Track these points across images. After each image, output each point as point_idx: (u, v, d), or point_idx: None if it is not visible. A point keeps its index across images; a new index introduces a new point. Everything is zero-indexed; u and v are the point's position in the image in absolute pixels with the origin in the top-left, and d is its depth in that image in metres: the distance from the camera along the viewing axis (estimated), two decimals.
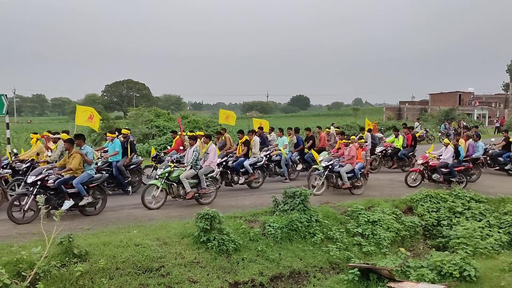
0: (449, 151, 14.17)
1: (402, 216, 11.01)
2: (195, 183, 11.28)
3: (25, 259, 6.61)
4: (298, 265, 8.67)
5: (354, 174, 12.83)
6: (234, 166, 13.49)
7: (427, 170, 14.24)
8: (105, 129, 27.43)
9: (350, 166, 12.83)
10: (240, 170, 13.47)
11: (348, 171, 12.75)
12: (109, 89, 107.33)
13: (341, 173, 12.64)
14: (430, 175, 14.19)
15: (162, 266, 7.59)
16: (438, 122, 39.52)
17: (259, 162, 13.98)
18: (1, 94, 15.74)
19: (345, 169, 12.73)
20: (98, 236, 8.13)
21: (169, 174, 11.01)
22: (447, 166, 13.93)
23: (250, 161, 13.72)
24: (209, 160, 11.86)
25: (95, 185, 10.26)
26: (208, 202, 11.41)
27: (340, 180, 12.75)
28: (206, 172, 11.52)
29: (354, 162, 12.93)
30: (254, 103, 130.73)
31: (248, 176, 13.63)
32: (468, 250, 9.31)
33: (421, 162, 14.33)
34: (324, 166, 12.82)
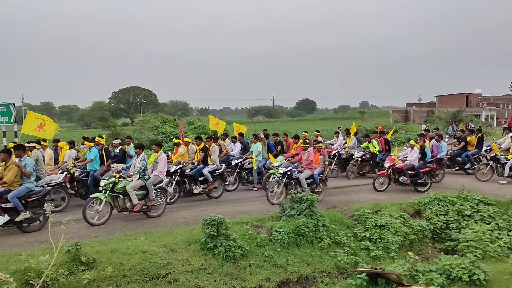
0: (415, 153, 14.00)
1: (410, 220, 10.94)
2: (143, 194, 10.56)
3: (33, 268, 6.65)
4: (306, 270, 8.65)
5: (314, 180, 12.32)
6: (193, 174, 12.70)
7: (394, 173, 13.99)
8: (112, 136, 27.59)
9: (309, 172, 12.29)
10: (198, 179, 12.70)
11: (307, 177, 12.18)
12: (116, 96, 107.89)
13: (300, 180, 12.01)
14: (397, 178, 13.95)
15: (169, 273, 7.60)
16: (446, 124, 39.28)
17: (218, 170, 13.27)
18: (9, 103, 15.90)
19: (304, 175, 12.12)
20: (105, 243, 8.16)
21: (113, 186, 10.19)
22: (413, 168, 13.77)
23: (209, 168, 12.99)
24: (158, 169, 11.05)
25: (35, 199, 9.49)
26: (157, 214, 10.76)
27: (299, 187, 12.04)
28: (154, 182, 10.77)
29: (313, 168, 12.41)
30: (260, 108, 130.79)
31: (208, 185, 12.93)
32: (477, 253, 9.20)
33: (388, 165, 13.96)
34: (282, 173, 12.12)
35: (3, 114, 15.74)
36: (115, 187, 10.20)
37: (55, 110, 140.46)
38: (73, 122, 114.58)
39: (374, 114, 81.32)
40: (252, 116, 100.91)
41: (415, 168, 13.75)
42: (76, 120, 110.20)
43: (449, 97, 67.31)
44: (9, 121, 15.58)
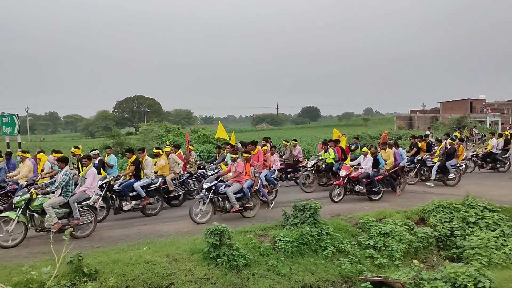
0: (369, 160, 13.65)
1: (414, 227, 10.86)
2: (65, 212, 9.58)
3: (35, 279, 6.63)
4: (310, 279, 8.58)
5: (244, 194, 11.36)
6: (122, 189, 11.66)
7: (350, 182, 13.53)
8: (115, 145, 27.63)
9: (238, 185, 11.29)
10: (128, 194, 11.66)
11: (236, 191, 11.19)
12: (120, 105, 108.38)
13: (228, 195, 11.00)
14: (353, 187, 13.49)
15: (172, 283, 7.56)
16: (450, 130, 39.19)
17: (153, 184, 12.16)
18: (13, 114, 15.99)
19: (232, 189, 11.11)
20: (108, 254, 8.14)
21: (29, 203, 9.22)
22: (368, 176, 13.46)
23: (141, 182, 11.88)
24: (85, 185, 10.09)
25: None
26: (85, 235, 9.84)
27: (228, 203, 11.12)
28: (79, 199, 9.77)
29: (243, 180, 11.45)
30: (265, 116, 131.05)
31: (141, 201, 11.82)
32: (483, 260, 9.13)
33: (343, 174, 13.39)
34: (206, 188, 11.09)
35: (7, 125, 15.84)
36: (30, 204, 9.23)
37: (59, 120, 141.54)
38: (78, 131, 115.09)
39: (378, 121, 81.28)
40: (256, 124, 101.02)
41: (369, 176, 13.42)
42: (80, 129, 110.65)
43: (453, 103, 67.10)
44: (13, 132, 15.65)
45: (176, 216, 11.79)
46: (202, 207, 10.95)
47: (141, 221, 11.20)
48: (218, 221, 9.70)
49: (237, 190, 11.24)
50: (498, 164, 19.17)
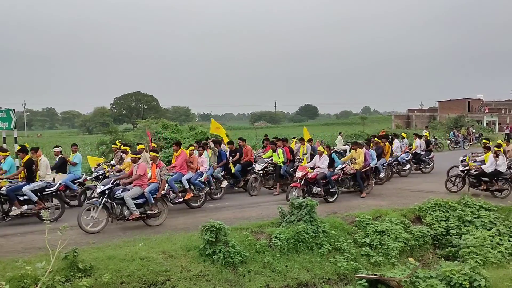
0: (325, 160, 13.15)
1: (410, 226, 10.87)
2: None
3: (30, 274, 6.59)
4: (306, 276, 8.58)
5: (146, 200, 10.28)
6: (7, 192, 10.47)
7: (307, 183, 12.90)
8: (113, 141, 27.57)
9: (139, 189, 10.15)
10: (17, 198, 10.55)
11: (136, 196, 10.10)
12: (118, 102, 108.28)
13: (126, 200, 9.87)
14: (310, 189, 12.89)
15: (168, 279, 7.55)
16: (447, 129, 39.28)
17: (49, 188, 11.01)
18: (9, 109, 15.88)
19: (131, 193, 9.98)
20: (103, 250, 8.12)
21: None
22: (325, 177, 13.02)
23: (32, 186, 10.70)
24: None
25: None
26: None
27: (126, 209, 9.96)
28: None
29: (145, 184, 10.28)
30: (262, 114, 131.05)
31: (34, 206, 10.68)
32: (478, 259, 9.14)
33: (300, 175, 12.74)
34: (99, 192, 9.95)
35: (3, 120, 15.73)
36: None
37: (57, 116, 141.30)
38: (75, 128, 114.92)
39: (376, 119, 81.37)
40: (254, 122, 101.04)
41: (326, 176, 13.00)
42: (78, 126, 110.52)
43: (450, 103, 67.29)
44: (9, 127, 15.56)
45: (171, 213, 11.75)
46: (94, 214, 9.77)
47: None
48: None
49: (137, 194, 10.11)
50: (422, 164, 19.08)
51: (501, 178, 13.62)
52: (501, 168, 13.57)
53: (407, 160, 18.29)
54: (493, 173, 13.57)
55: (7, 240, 9.12)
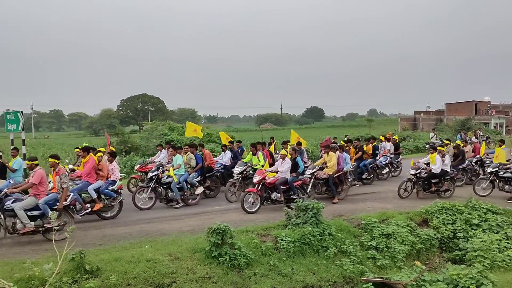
0: (287, 163, 12.37)
1: (417, 229, 10.83)
2: None
3: (37, 276, 6.64)
4: (311, 279, 8.57)
5: (43, 212, 9.13)
6: None
7: (266, 189, 12.15)
8: (120, 144, 27.68)
9: (34, 200, 9.09)
10: None
11: (30, 207, 9.03)
12: (125, 104, 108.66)
13: (17, 212, 8.79)
14: (269, 195, 12.15)
15: (174, 281, 7.57)
16: (454, 132, 39.09)
17: None
18: (17, 111, 16.00)
19: (23, 204, 8.93)
20: (109, 251, 8.15)
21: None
22: (286, 182, 12.25)
23: None
24: None
25: None
26: None
27: (19, 222, 8.87)
28: None
29: (41, 193, 9.21)
30: (268, 115, 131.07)
31: None
32: (486, 263, 9.11)
33: (257, 180, 11.96)
34: None
35: (12, 121, 15.85)
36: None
37: (64, 117, 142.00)
38: (82, 129, 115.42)
39: (382, 121, 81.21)
40: (260, 124, 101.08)
41: (288, 182, 12.20)
42: (85, 127, 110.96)
43: (457, 105, 67.03)
44: (17, 129, 15.67)
45: (178, 215, 11.79)
46: None
47: (143, 219, 11.20)
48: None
49: (31, 206, 9.06)
50: (392, 167, 18.69)
51: (447, 178, 14.11)
52: (447, 167, 14.08)
53: (385, 164, 17.91)
54: (441, 174, 13.90)
55: (15, 242, 9.17)
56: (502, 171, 14.06)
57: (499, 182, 14.19)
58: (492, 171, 14.25)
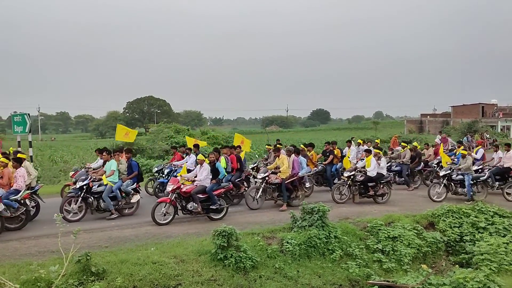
0: (205, 170, 11.26)
1: (423, 232, 10.79)
2: None
3: (43, 278, 6.68)
4: (317, 282, 8.55)
5: None
6: None
7: (181, 198, 11.12)
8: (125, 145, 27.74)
9: None
10: None
11: None
12: (131, 106, 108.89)
13: None
14: (185, 205, 11.08)
15: (179, 284, 7.58)
16: (461, 134, 38.92)
17: None
18: (24, 113, 16.13)
19: None
20: (115, 253, 8.16)
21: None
22: (205, 190, 11.17)
23: None
24: None
25: None
26: None
27: None
28: None
29: None
30: (274, 118, 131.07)
31: None
32: (492, 266, 9.07)
33: (171, 189, 10.88)
34: None
35: (19, 124, 15.98)
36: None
37: (70, 119, 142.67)
38: (88, 131, 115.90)
39: (388, 124, 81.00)
40: (266, 126, 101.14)
41: (206, 190, 11.08)
42: (91, 129, 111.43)
43: (464, 108, 66.71)
44: (23, 131, 15.78)
45: (183, 217, 11.78)
46: None
47: (150, 222, 11.22)
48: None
49: None
50: None
51: (383, 182, 13.74)
52: (383, 171, 13.77)
53: None
54: (377, 177, 13.55)
55: (22, 244, 9.20)
56: (455, 174, 13.87)
57: (453, 185, 13.98)
58: (445, 174, 14.02)
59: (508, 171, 15.01)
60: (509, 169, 15.00)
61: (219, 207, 11.26)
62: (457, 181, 13.90)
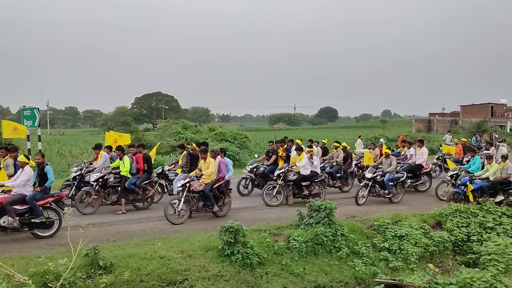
0: (25, 174, 9.27)
1: (430, 231, 10.75)
2: None
3: (52, 270, 6.74)
4: (323, 280, 8.56)
5: None
6: None
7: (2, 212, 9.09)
8: (134, 141, 27.84)
9: None
10: None
11: None
12: (139, 102, 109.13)
13: None
14: None
15: (186, 279, 7.62)
16: (470, 134, 38.70)
17: None
18: (34, 107, 16.20)
19: None
20: (123, 248, 8.22)
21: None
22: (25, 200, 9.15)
23: None
24: None
25: None
26: None
27: None
28: None
29: None
30: (282, 115, 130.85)
31: None
32: (500, 267, 9.01)
33: None
34: None
35: (28, 118, 16.05)
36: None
37: (79, 114, 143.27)
38: (97, 126, 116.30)
39: (396, 123, 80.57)
40: (273, 124, 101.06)
41: (26, 199, 9.11)
42: (99, 124, 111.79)
43: (473, 107, 66.26)
44: (33, 125, 15.86)
45: None
46: None
47: (157, 217, 11.27)
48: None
49: None
50: None
51: (317, 181, 13.33)
52: (317, 169, 13.33)
53: None
54: (311, 175, 13.06)
55: (31, 237, 9.28)
56: (379, 176, 13.41)
57: (376, 188, 13.48)
58: (370, 177, 13.40)
59: (420, 168, 14.83)
60: (420, 166, 14.82)
61: (46, 220, 9.24)
62: (380, 183, 13.44)
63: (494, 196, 12.45)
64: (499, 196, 12.37)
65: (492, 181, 12.51)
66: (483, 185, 12.48)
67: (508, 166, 12.78)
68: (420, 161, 14.89)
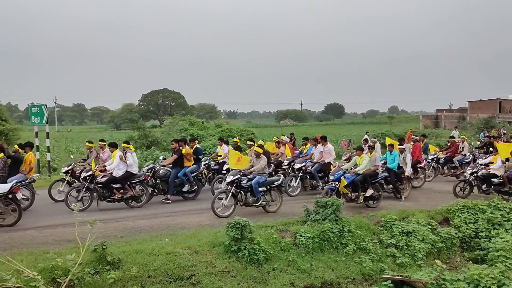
0: None
1: (438, 227, 10.73)
2: None
3: (60, 266, 6.78)
4: (330, 276, 8.56)
5: None
6: None
7: None
8: (141, 137, 27.97)
9: None
10: None
11: None
12: (146, 98, 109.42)
13: None
14: None
15: (193, 274, 7.65)
16: (477, 130, 38.49)
17: None
18: (42, 104, 16.30)
19: None
20: (131, 244, 8.25)
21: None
22: None
23: None
24: None
25: None
26: None
27: None
28: None
29: None
30: (288, 112, 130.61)
31: None
32: (508, 263, 8.95)
33: None
34: None
35: (36, 115, 16.15)
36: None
37: (86, 111, 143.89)
38: (104, 123, 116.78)
39: (403, 119, 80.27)
40: (280, 120, 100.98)
41: None
42: (106, 121, 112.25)
43: (481, 103, 65.81)
44: (41, 122, 15.96)
45: (198, 209, 11.86)
46: None
47: (164, 213, 11.31)
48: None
49: None
50: None
51: (135, 182, 12.07)
52: (133, 169, 12.00)
53: None
54: (125, 176, 11.80)
55: (39, 232, 9.35)
56: (310, 166, 13.37)
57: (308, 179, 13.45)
58: (300, 167, 13.55)
59: (329, 167, 13.93)
60: (329, 164, 14.05)
61: None
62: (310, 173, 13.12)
63: (365, 190, 12.01)
64: (369, 190, 11.95)
65: (363, 174, 12.03)
66: (355, 179, 11.90)
67: (376, 157, 12.46)
68: (329, 159, 14.06)
